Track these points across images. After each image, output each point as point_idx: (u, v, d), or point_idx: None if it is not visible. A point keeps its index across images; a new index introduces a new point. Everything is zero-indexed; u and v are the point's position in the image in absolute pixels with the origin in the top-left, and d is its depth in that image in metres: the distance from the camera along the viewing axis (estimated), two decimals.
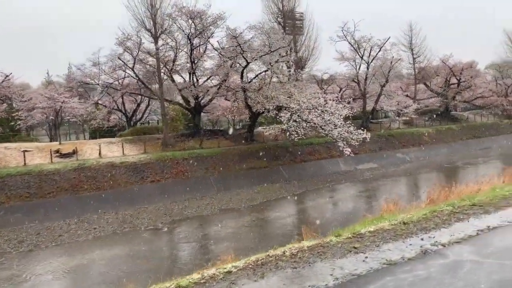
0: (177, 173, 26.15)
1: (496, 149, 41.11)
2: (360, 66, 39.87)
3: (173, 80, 32.80)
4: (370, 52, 38.25)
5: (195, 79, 31.81)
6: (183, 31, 28.86)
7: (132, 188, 23.98)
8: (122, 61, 31.58)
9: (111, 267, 13.21)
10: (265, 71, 30.37)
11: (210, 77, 31.86)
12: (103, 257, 14.45)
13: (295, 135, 26.19)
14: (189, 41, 29.31)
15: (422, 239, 6.09)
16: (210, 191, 25.26)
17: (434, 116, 47.62)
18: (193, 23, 28.60)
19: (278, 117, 27.21)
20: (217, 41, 30.64)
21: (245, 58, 27.83)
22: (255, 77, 30.47)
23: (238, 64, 29.41)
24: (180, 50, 31.49)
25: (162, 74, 32.60)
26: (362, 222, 7.55)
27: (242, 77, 30.08)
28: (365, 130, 27.97)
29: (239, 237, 15.50)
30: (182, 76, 33.69)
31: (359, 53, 38.97)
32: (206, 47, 31.40)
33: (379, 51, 38.12)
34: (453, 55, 45.57)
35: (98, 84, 32.54)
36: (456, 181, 22.54)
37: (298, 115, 26.80)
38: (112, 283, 11.67)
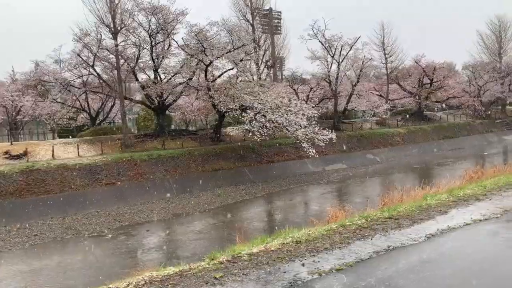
0: (134, 176, 24.99)
1: (467, 150, 41.08)
2: (331, 65, 39.25)
3: (136, 79, 31.62)
4: (341, 51, 37.69)
5: (158, 78, 30.68)
6: (143, 27, 27.66)
7: (84, 191, 22.75)
8: (82, 58, 30.26)
9: (32, 281, 12.10)
10: (230, 69, 29.49)
11: (174, 75, 30.76)
12: (30, 269, 13.31)
13: (258, 135, 25.35)
14: (149, 38, 28.17)
15: (303, 265, 5.20)
16: (169, 194, 24.20)
17: (407, 116, 47.49)
18: (153, 19, 27.48)
19: (241, 117, 26.32)
20: (182, 38, 29.67)
21: (207, 56, 26.84)
22: (219, 76, 29.55)
23: (201, 63, 28.41)
24: (142, 48, 30.33)
25: (124, 71, 31.52)
26: (255, 239, 6.68)
27: (206, 75, 29.09)
28: (331, 130, 27.33)
29: (180, 246, 14.57)
30: (147, 74, 32.52)
31: (330, 52, 38.35)
32: (169, 44, 30.31)
33: (350, 50, 37.61)
34: (425, 55, 45.51)
35: (55, 82, 31.01)
36: (420, 183, 22.05)
37: (262, 115, 25.97)
38: None
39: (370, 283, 4.60)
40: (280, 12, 52.81)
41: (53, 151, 25.36)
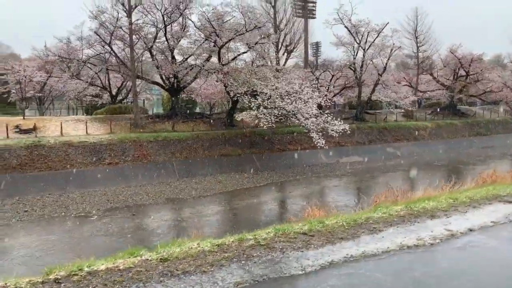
0: (139, 157, 24.80)
1: (499, 149, 38.25)
2: (357, 52, 37.32)
3: (152, 58, 31.21)
4: (367, 37, 35.66)
5: (173, 58, 30.18)
6: (155, 6, 27.09)
7: (86, 169, 22.78)
8: (99, 36, 30.17)
9: None
10: (244, 52, 28.50)
11: (188, 57, 30.12)
12: None
13: (265, 122, 24.40)
14: (162, 17, 27.59)
15: None
16: (170, 177, 23.88)
17: (438, 109, 44.80)
18: None
19: (248, 102, 25.43)
20: (199, 19, 28.90)
21: (219, 37, 25.96)
22: (233, 59, 28.60)
23: (215, 45, 27.59)
24: (159, 28, 29.84)
25: (140, 50, 31.32)
26: (128, 250, 5.79)
27: (219, 58, 28.27)
28: (353, 120, 25.96)
29: (152, 235, 14.08)
30: (165, 55, 32.12)
31: (357, 39, 36.40)
32: (185, 25, 29.63)
33: (377, 36, 35.49)
34: (462, 45, 42.39)
35: (71, 59, 31.15)
36: (433, 182, 20.47)
37: (270, 101, 24.96)
38: None
39: None
40: None
41: (61, 127, 25.56)
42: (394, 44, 37.00)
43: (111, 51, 30.88)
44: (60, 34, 55.63)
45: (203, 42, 28.91)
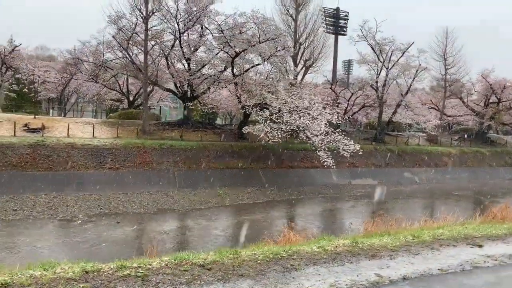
0: (141, 163, 24.35)
1: None
2: (380, 71, 35.98)
3: (168, 66, 31.03)
4: (391, 56, 34.31)
5: (187, 67, 29.90)
6: (171, 13, 26.92)
7: (86, 172, 22.49)
8: (116, 41, 30.30)
9: None
10: (257, 64, 27.82)
11: (203, 66, 29.72)
12: None
13: (271, 137, 23.48)
14: (177, 25, 27.39)
15: None
16: (170, 186, 23.25)
17: (465, 136, 42.52)
18: (182, 5, 26.64)
19: (257, 115, 24.64)
20: (214, 27, 28.55)
21: (231, 47, 25.43)
22: (246, 70, 27.94)
23: (228, 55, 27.11)
24: (177, 37, 29.66)
25: (156, 56, 31.24)
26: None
27: (232, 68, 27.74)
28: (351, 141, 24.77)
29: (126, 247, 13.36)
30: (182, 63, 31.93)
31: (381, 57, 35.10)
32: (202, 33, 29.33)
33: (401, 56, 34.10)
34: (494, 70, 40.21)
35: (88, 61, 31.48)
36: (440, 214, 18.96)
37: (278, 115, 24.08)
38: None
39: None
40: (347, 12, 50.15)
41: (68, 129, 25.55)
42: (420, 64, 35.53)
43: (128, 56, 30.92)
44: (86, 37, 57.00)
45: (219, 52, 28.52)
